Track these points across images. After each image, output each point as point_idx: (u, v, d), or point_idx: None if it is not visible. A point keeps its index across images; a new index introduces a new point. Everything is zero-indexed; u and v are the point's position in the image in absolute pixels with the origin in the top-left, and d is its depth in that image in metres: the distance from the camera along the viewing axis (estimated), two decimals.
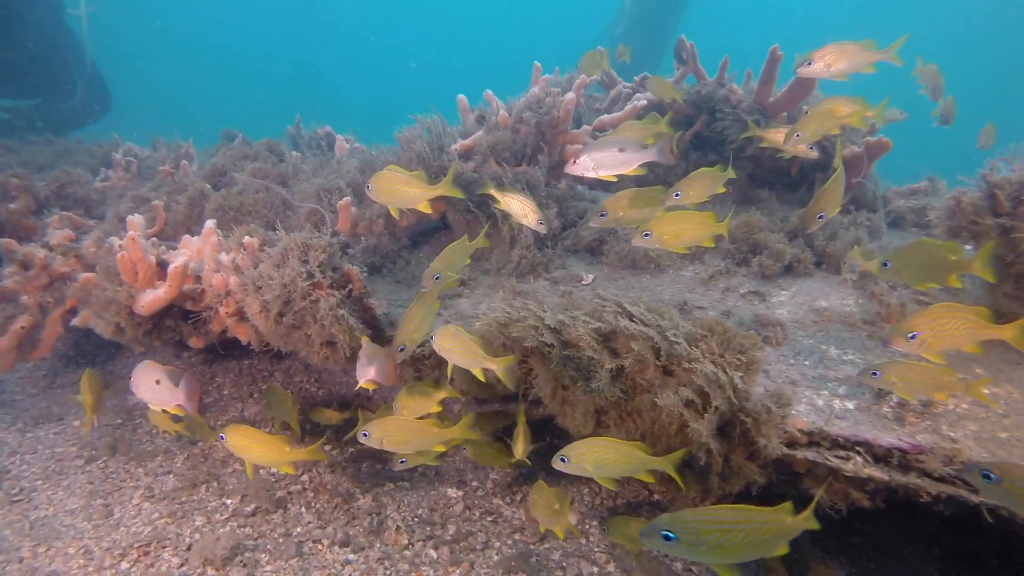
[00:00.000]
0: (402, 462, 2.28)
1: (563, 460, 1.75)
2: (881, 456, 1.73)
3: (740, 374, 1.73)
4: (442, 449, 2.10)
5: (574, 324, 1.91)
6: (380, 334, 2.32)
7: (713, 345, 1.80)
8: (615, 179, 2.40)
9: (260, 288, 2.13)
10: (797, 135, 2.45)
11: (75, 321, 2.65)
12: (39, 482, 2.44)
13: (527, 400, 2.40)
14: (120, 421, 2.84)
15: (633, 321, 1.83)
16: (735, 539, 1.35)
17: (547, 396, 2.06)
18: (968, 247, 2.49)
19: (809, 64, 2.52)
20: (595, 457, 1.74)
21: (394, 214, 2.38)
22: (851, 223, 2.90)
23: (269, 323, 2.17)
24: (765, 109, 3.51)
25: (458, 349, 1.92)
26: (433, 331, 2.02)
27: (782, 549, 1.42)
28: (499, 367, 1.90)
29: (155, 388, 2.16)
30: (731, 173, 2.32)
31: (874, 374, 1.78)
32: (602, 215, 2.37)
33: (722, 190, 2.35)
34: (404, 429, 2.01)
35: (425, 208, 2.26)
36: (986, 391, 1.81)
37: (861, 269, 2.47)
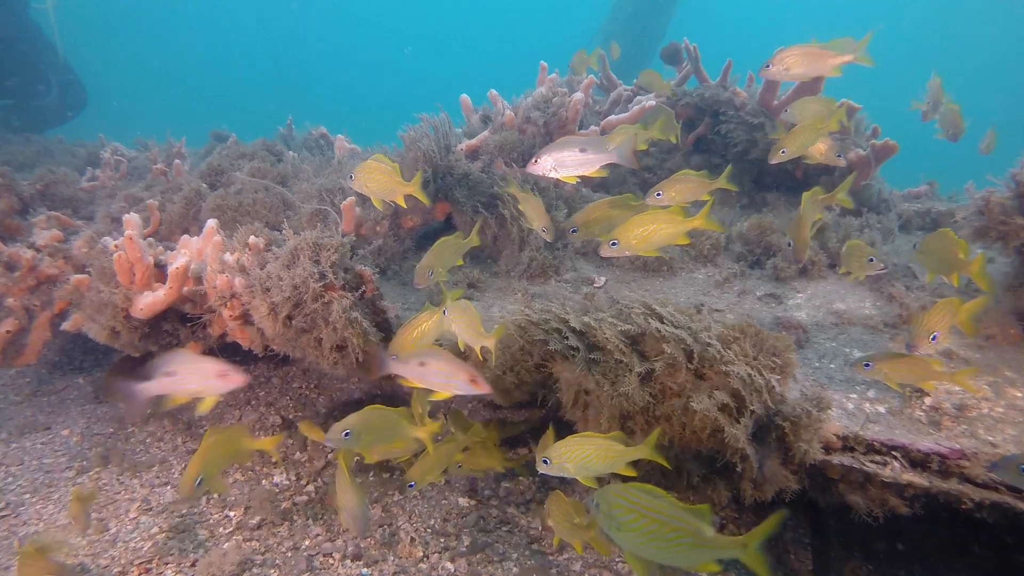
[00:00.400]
0: (410, 486, 2.17)
1: (545, 462, 1.67)
2: (919, 461, 1.68)
3: (777, 377, 1.68)
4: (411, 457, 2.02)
5: (601, 326, 1.85)
6: (392, 338, 2.23)
7: (747, 347, 1.74)
8: (576, 180, 2.31)
9: (269, 289, 2.03)
10: (783, 151, 2.44)
11: (66, 325, 2.52)
12: (27, 495, 2.31)
13: (545, 406, 2.33)
14: (111, 430, 2.71)
15: (663, 323, 1.77)
16: (638, 523, 1.24)
17: (568, 401, 1.99)
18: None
19: (768, 67, 2.53)
20: (576, 456, 1.65)
21: (376, 204, 2.35)
22: (863, 225, 2.88)
23: (277, 326, 2.07)
24: (770, 112, 3.49)
25: (463, 324, 1.85)
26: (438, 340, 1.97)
27: (710, 566, 1.24)
28: (491, 342, 1.82)
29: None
30: (723, 182, 2.22)
31: (867, 365, 1.80)
32: (574, 231, 2.34)
33: (707, 198, 2.26)
34: (382, 420, 1.90)
35: (400, 201, 2.27)
36: (970, 380, 1.85)
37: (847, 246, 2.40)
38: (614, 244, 2.02)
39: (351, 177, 2.21)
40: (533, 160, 2.26)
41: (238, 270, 2.14)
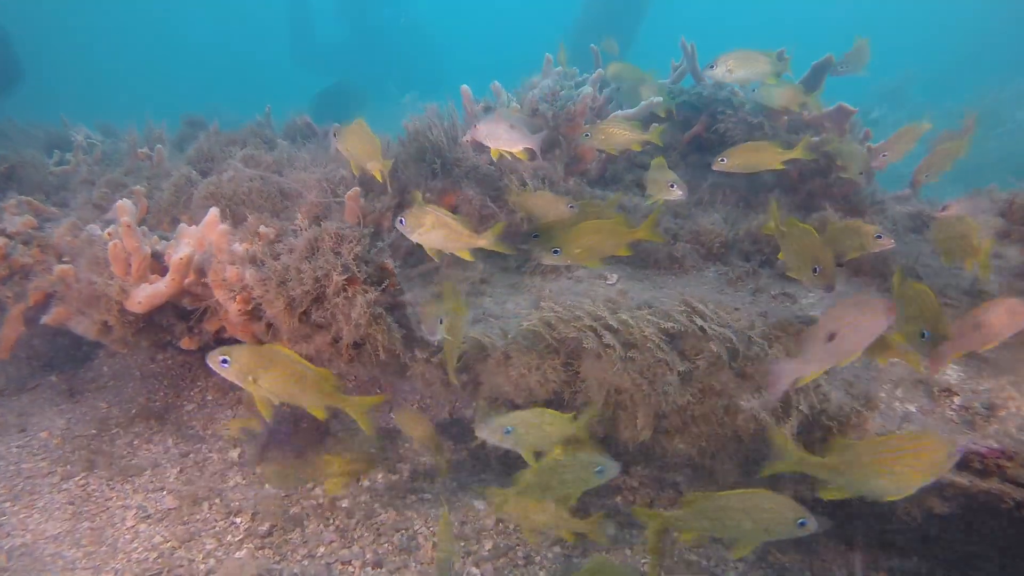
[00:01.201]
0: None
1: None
2: (958, 461, 1.69)
3: (824, 376, 1.66)
4: None
5: (639, 323, 1.80)
6: (411, 333, 2.13)
7: (790, 346, 1.73)
8: (504, 155, 2.37)
9: (286, 282, 1.91)
10: (723, 160, 2.50)
11: (47, 319, 2.33)
12: (7, 504, 2.12)
13: (571, 405, 2.28)
14: (94, 431, 2.53)
15: (707, 320, 1.74)
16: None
17: (599, 401, 1.94)
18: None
19: (712, 68, 2.66)
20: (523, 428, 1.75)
21: (354, 171, 2.36)
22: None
23: (293, 321, 1.96)
24: (769, 112, 3.51)
25: (443, 231, 1.92)
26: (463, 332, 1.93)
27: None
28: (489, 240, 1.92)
29: None
30: (644, 232, 2.21)
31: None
32: (535, 236, 2.35)
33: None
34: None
35: (377, 176, 2.29)
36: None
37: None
38: (556, 252, 2.05)
39: (334, 134, 2.26)
40: (473, 127, 2.34)
41: (249, 261, 2.02)
